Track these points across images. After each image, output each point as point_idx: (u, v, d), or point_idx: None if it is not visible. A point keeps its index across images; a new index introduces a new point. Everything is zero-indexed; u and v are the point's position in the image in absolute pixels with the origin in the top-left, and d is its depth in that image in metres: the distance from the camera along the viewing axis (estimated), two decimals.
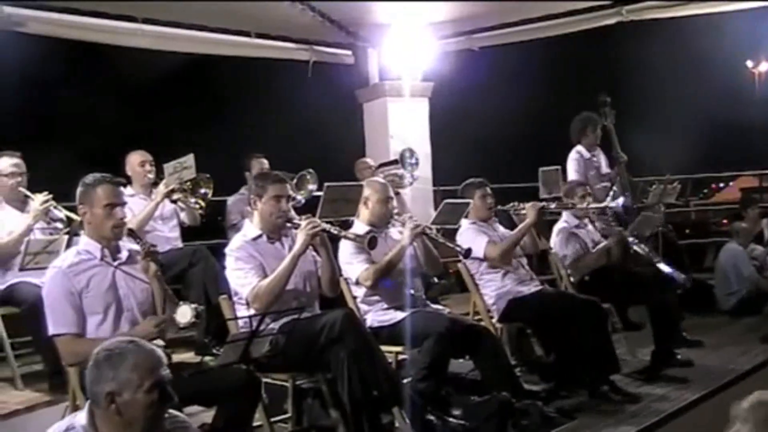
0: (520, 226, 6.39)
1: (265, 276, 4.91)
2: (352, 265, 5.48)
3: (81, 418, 3.04)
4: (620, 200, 6.51)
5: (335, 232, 5.05)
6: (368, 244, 5.05)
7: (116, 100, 12.09)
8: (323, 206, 5.27)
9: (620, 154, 8.14)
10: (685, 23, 8.90)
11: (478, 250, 6.22)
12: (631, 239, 7.02)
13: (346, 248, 5.48)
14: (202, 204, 6.69)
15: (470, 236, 6.33)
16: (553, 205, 6.75)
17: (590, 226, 7.18)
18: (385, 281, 5.44)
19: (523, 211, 6.46)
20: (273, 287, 4.84)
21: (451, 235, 6.30)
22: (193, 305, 4.45)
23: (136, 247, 4.53)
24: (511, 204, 6.66)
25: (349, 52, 10.07)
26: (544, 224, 6.98)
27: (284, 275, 4.86)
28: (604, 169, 8.38)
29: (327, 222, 5.08)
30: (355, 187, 5.68)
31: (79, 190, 4.44)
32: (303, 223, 4.94)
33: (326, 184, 5.59)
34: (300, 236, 4.91)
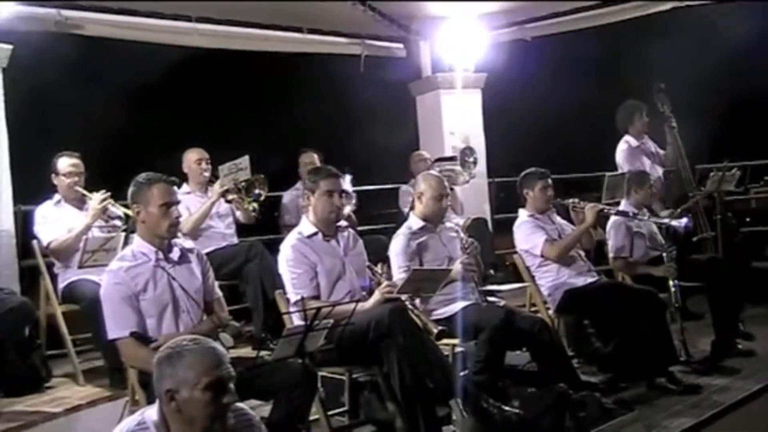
0: (579, 227, 6.30)
1: (316, 276, 4.97)
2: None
3: (152, 413, 3.11)
4: (683, 221, 6.33)
5: (410, 307, 4.97)
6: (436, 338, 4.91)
7: (169, 98, 12.14)
8: (405, 284, 5.19)
9: (679, 144, 8.03)
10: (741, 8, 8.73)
11: (535, 248, 6.20)
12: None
13: (396, 245, 5.54)
14: (256, 206, 6.74)
15: (527, 231, 6.29)
16: (613, 210, 6.66)
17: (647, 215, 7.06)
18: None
19: (581, 206, 6.38)
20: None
21: (507, 225, 6.27)
22: (234, 323, 4.59)
23: (187, 244, 4.60)
24: (572, 200, 6.51)
25: (401, 46, 10.05)
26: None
27: (342, 315, 4.61)
28: (656, 154, 8.30)
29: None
30: (442, 272, 5.48)
31: (131, 189, 4.47)
32: (384, 283, 5.05)
33: (413, 268, 5.42)
34: (376, 295, 4.98)
